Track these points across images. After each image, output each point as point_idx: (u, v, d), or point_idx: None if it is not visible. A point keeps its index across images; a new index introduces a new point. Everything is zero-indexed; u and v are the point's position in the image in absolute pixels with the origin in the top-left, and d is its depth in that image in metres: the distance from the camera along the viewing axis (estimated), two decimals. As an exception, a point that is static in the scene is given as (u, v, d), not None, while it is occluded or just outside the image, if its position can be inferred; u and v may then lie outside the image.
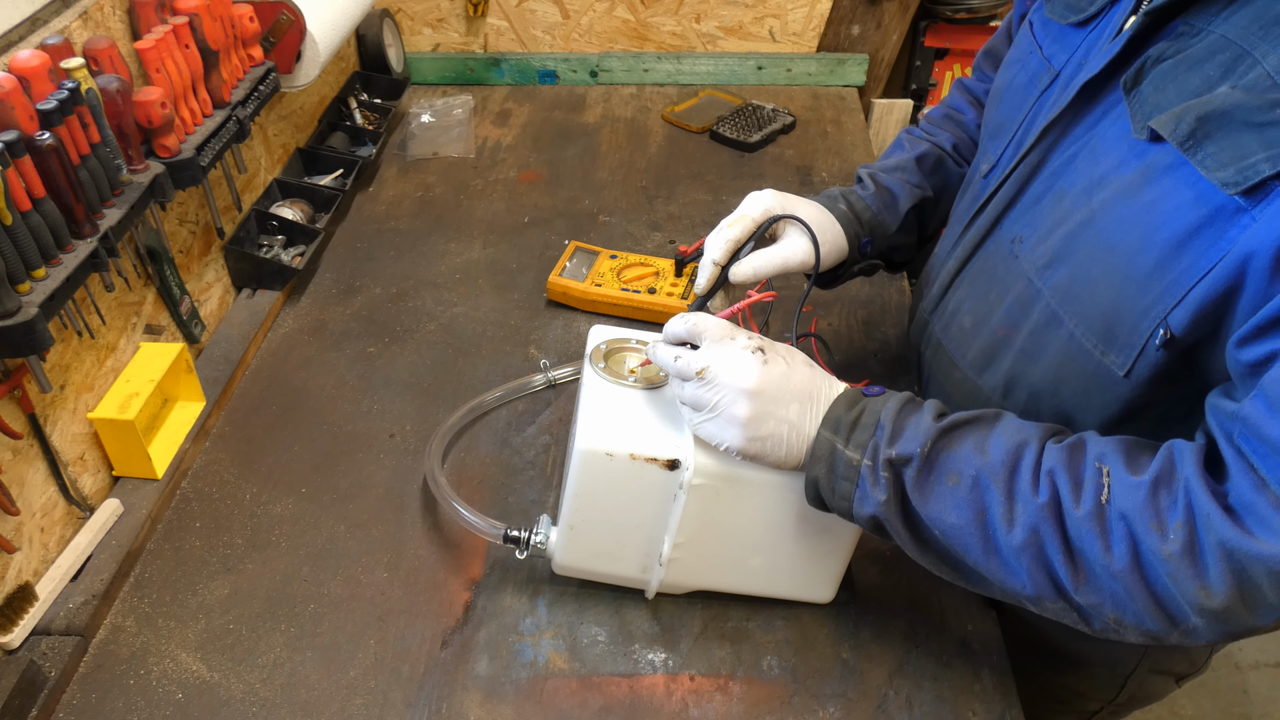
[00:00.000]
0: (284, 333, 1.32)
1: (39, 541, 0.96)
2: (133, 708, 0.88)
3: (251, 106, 1.23)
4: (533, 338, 1.30)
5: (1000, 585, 0.74)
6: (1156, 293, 0.70)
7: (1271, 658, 2.19)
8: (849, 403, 0.78)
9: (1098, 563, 0.67)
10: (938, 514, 0.73)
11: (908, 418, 0.75)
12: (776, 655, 0.91)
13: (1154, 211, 0.70)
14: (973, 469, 0.72)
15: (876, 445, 0.75)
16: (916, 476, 0.73)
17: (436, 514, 1.05)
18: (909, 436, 0.74)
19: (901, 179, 1.06)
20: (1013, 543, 0.70)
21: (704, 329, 0.82)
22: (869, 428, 0.76)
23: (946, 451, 0.73)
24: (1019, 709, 0.87)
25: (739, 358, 0.79)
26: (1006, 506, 0.70)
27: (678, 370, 0.81)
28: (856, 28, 1.93)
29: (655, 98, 1.90)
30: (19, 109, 0.85)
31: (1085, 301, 0.77)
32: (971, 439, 0.74)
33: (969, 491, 0.72)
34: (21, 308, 0.85)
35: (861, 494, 0.75)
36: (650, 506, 0.85)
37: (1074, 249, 0.78)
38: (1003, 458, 0.72)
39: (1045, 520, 0.69)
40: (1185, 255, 0.68)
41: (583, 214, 1.55)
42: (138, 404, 1.04)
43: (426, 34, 1.95)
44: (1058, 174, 0.82)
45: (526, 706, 0.87)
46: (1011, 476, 0.71)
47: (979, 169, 0.95)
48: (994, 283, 0.88)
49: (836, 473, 0.77)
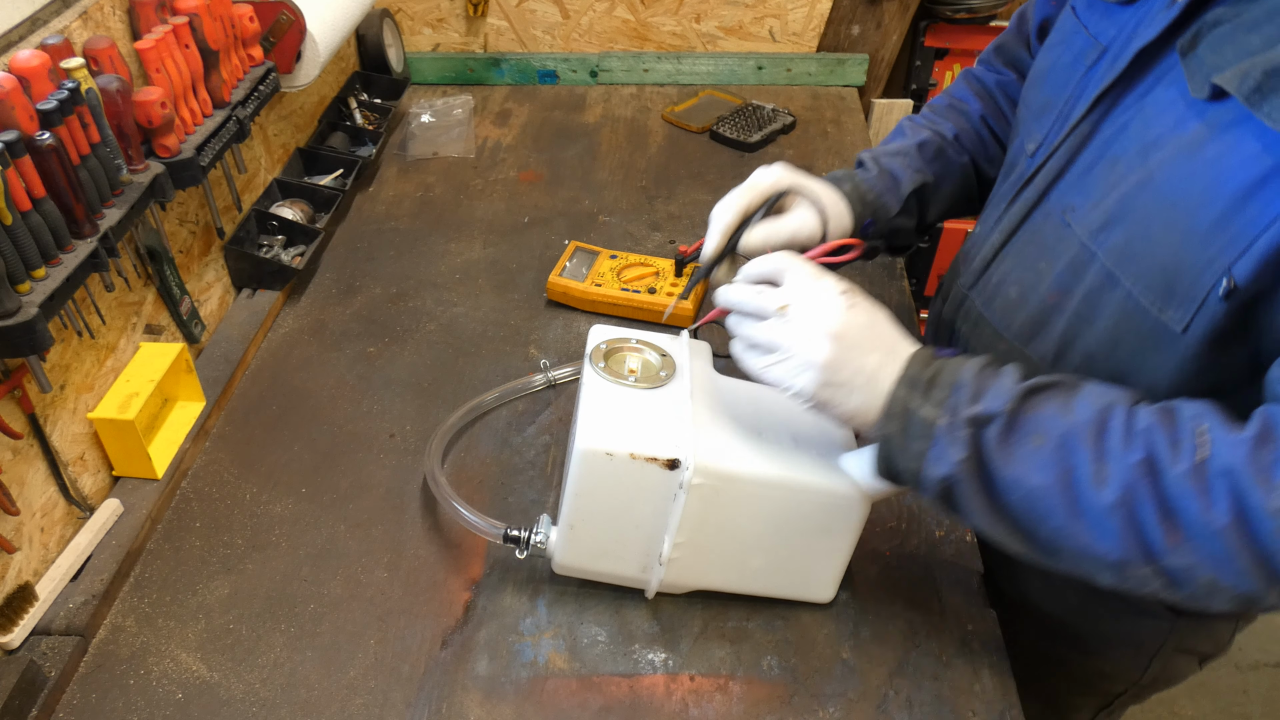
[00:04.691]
0: (284, 333, 1.32)
1: (39, 541, 0.96)
2: (133, 708, 0.88)
3: (251, 106, 1.23)
4: (533, 338, 1.30)
5: (1082, 551, 0.71)
6: (1221, 244, 0.71)
7: (1271, 658, 2.19)
8: (924, 362, 0.76)
9: (1196, 522, 0.65)
10: (1020, 475, 0.71)
11: (989, 378, 0.74)
12: (776, 655, 0.91)
13: (1218, 166, 0.71)
14: (1059, 429, 0.70)
15: (956, 404, 0.73)
16: (999, 436, 0.71)
17: (436, 514, 1.05)
18: (992, 395, 0.72)
19: (903, 163, 1.06)
20: (1102, 503, 0.68)
21: (789, 266, 0.80)
22: (947, 386, 0.74)
23: (1031, 412, 0.72)
24: (1019, 709, 0.87)
25: (826, 298, 0.77)
26: (1096, 466, 0.69)
27: (757, 306, 0.79)
28: (856, 28, 1.93)
29: (655, 98, 1.90)
30: (19, 109, 0.85)
31: (1144, 260, 0.77)
32: (1057, 400, 0.72)
33: (1055, 451, 0.70)
34: (21, 308, 0.85)
35: (937, 453, 0.73)
36: (650, 506, 0.85)
37: (1131, 210, 0.78)
38: (1091, 417, 0.70)
39: (1139, 479, 0.67)
40: (1251, 205, 0.69)
41: (583, 214, 1.55)
42: (138, 404, 1.04)
43: (426, 34, 1.95)
44: (1109, 142, 0.83)
45: (526, 706, 0.87)
46: (1100, 436, 0.69)
47: (1024, 149, 0.95)
48: (1043, 252, 0.88)
49: (911, 431, 0.74)
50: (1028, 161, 0.94)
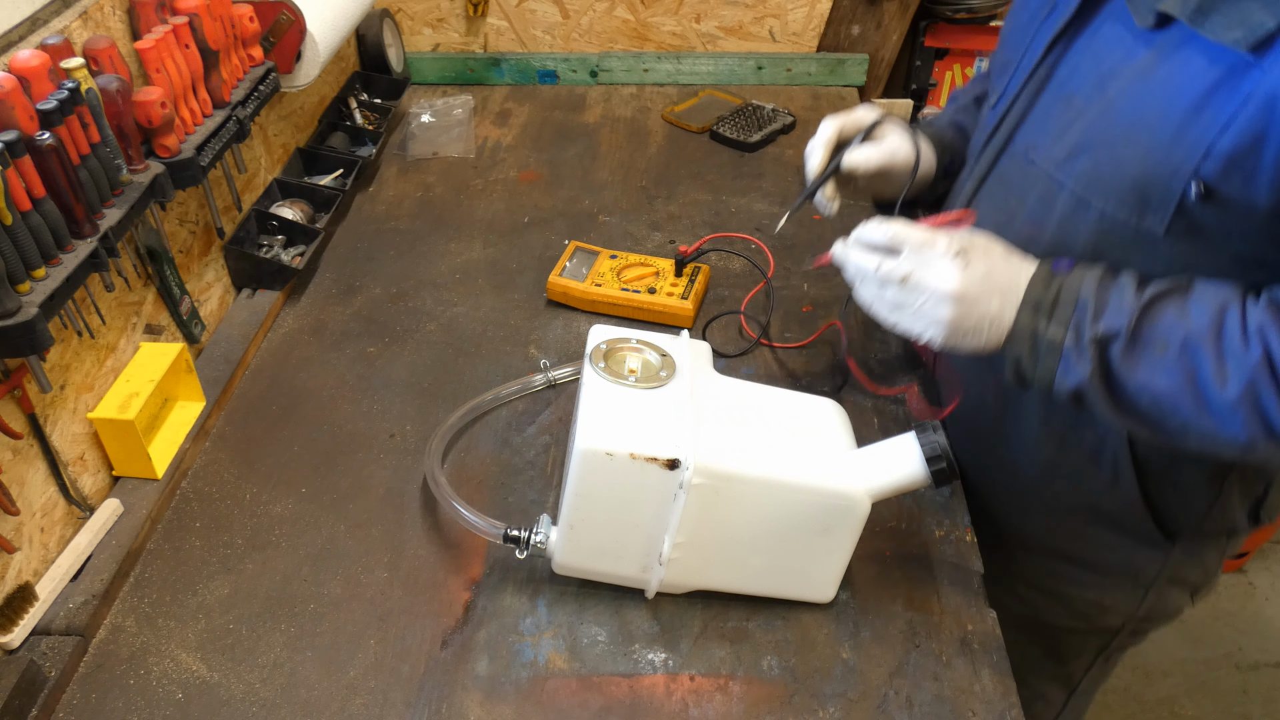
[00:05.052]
0: (284, 333, 1.32)
1: (39, 541, 0.96)
2: (133, 708, 0.88)
3: (251, 106, 1.23)
4: (533, 338, 1.30)
5: (1209, 438, 0.79)
6: (1184, 152, 0.78)
7: (1271, 658, 2.19)
8: (1045, 282, 0.83)
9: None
10: (1146, 381, 0.78)
11: (1108, 292, 0.80)
12: (776, 655, 0.91)
13: (1170, 84, 0.79)
14: (1180, 335, 0.77)
15: (1080, 322, 0.80)
16: (1124, 350, 0.78)
17: (436, 514, 1.05)
18: (1114, 311, 0.79)
19: (966, 117, 1.16)
20: (1227, 398, 0.76)
21: (905, 236, 0.86)
22: (1069, 304, 0.81)
23: (1152, 322, 0.78)
24: (1019, 709, 0.87)
25: (941, 263, 0.84)
26: (1218, 365, 0.76)
27: (882, 277, 0.87)
28: (856, 28, 1.93)
29: (655, 98, 1.90)
30: (19, 109, 0.85)
31: (1113, 180, 0.84)
32: (1174, 307, 0.79)
33: (1178, 356, 0.77)
34: (21, 308, 0.85)
35: (1065, 369, 0.81)
36: (650, 506, 0.85)
37: (1095, 138, 0.85)
38: (1208, 321, 0.77)
39: (1261, 374, 0.75)
40: (1205, 113, 0.76)
41: (583, 214, 1.55)
42: (138, 404, 1.04)
43: (426, 34, 1.95)
44: (1064, 83, 0.90)
45: (526, 706, 0.87)
46: (1219, 337, 0.76)
47: (988, 104, 1.04)
48: (1012, 191, 0.95)
49: (1039, 351, 0.82)
50: (990, 114, 1.01)
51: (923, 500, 1.06)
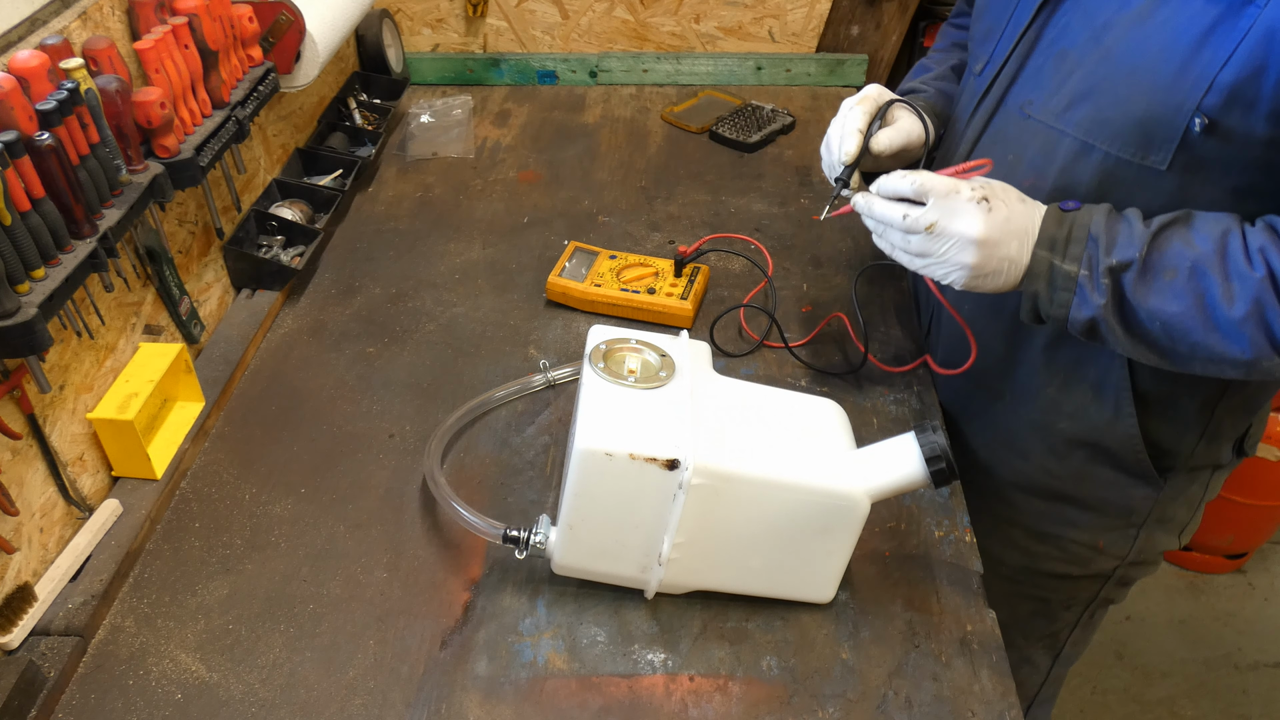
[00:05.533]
0: (283, 333, 1.32)
1: (38, 542, 0.96)
2: (132, 708, 0.88)
3: (251, 107, 1.23)
4: (532, 338, 1.30)
5: (1217, 357, 0.84)
6: (1187, 88, 0.82)
7: (1271, 658, 2.19)
8: (1056, 221, 0.88)
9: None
10: (1158, 306, 0.84)
11: (1116, 226, 0.86)
12: (776, 655, 0.91)
13: (1169, 27, 0.84)
14: (1188, 260, 0.83)
15: (1092, 256, 0.85)
16: (1136, 278, 0.84)
17: (436, 514, 1.05)
18: (1124, 243, 0.84)
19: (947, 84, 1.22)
20: (1234, 316, 0.81)
21: (930, 186, 0.90)
22: (1080, 241, 0.86)
23: (1161, 250, 0.84)
24: (1019, 709, 0.87)
25: (965, 210, 0.88)
26: (1224, 286, 0.82)
27: (908, 226, 0.91)
28: (856, 28, 1.93)
29: (655, 98, 1.90)
30: (18, 109, 0.84)
31: (1117, 123, 0.89)
32: (1179, 234, 0.84)
33: (1187, 281, 0.83)
34: (21, 308, 0.85)
35: (1080, 300, 0.86)
36: (650, 506, 0.85)
37: (1095, 85, 0.90)
38: (1212, 246, 0.83)
39: (1265, 291, 0.80)
40: (1206, 50, 0.81)
41: (582, 214, 1.55)
42: (137, 404, 1.04)
43: (426, 34, 1.95)
44: (1055, 41, 0.95)
45: (526, 707, 0.87)
46: (1224, 260, 0.82)
47: (971, 71, 1.09)
48: (1009, 146, 1.00)
49: (1055, 285, 0.87)
50: (977, 81, 1.06)
51: (923, 500, 1.06)
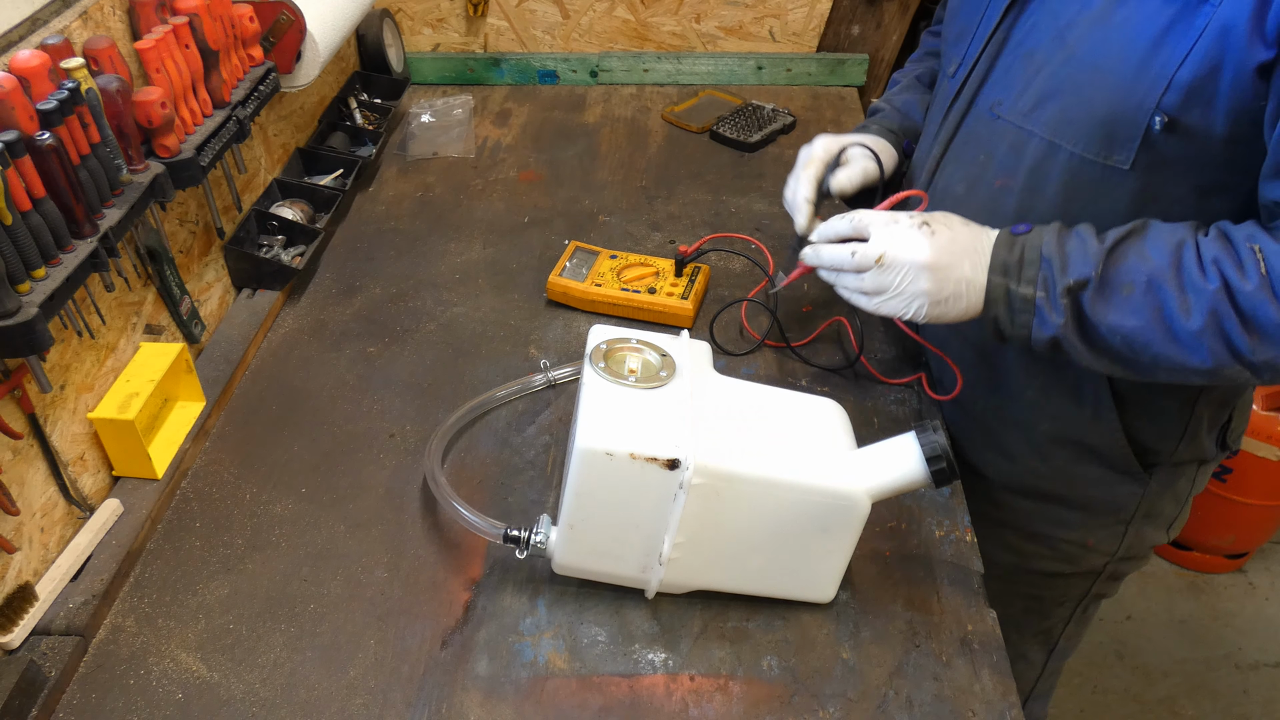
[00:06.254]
0: (284, 333, 1.32)
1: (39, 541, 0.96)
2: (133, 708, 0.88)
3: (251, 106, 1.23)
4: (533, 338, 1.30)
5: (1179, 367, 0.85)
6: (1146, 86, 0.83)
7: (1271, 658, 2.19)
8: (1008, 245, 0.89)
9: (1271, 322, 0.79)
10: (1117, 322, 0.84)
11: (1068, 245, 0.86)
12: (776, 655, 0.91)
13: (1128, 25, 0.85)
14: (1143, 275, 0.83)
15: (1048, 278, 0.86)
16: (1094, 295, 0.85)
17: (436, 514, 1.05)
18: (1078, 262, 0.85)
19: (911, 95, 1.24)
20: (1192, 328, 0.82)
21: (868, 220, 0.92)
22: (1034, 263, 0.87)
23: (1116, 266, 0.84)
24: (1019, 709, 0.87)
25: (910, 236, 0.89)
26: (1181, 299, 0.82)
27: (858, 262, 0.92)
28: (856, 28, 1.93)
29: (655, 98, 1.90)
30: (19, 109, 0.85)
31: (1082, 122, 0.89)
32: (1134, 249, 0.85)
33: (1144, 295, 0.83)
34: (21, 308, 0.85)
35: (1040, 321, 0.87)
36: (650, 506, 0.85)
37: (1060, 84, 0.91)
38: (1167, 259, 0.83)
39: (1221, 301, 0.81)
40: (1164, 48, 0.82)
41: (583, 214, 1.55)
42: (138, 404, 1.04)
43: (426, 34, 1.95)
44: (1022, 42, 0.96)
45: (526, 706, 0.87)
46: (1179, 272, 0.82)
47: (945, 73, 1.09)
48: (981, 147, 1.01)
49: (1014, 309, 0.88)
50: (950, 82, 1.06)
51: (923, 500, 1.06)
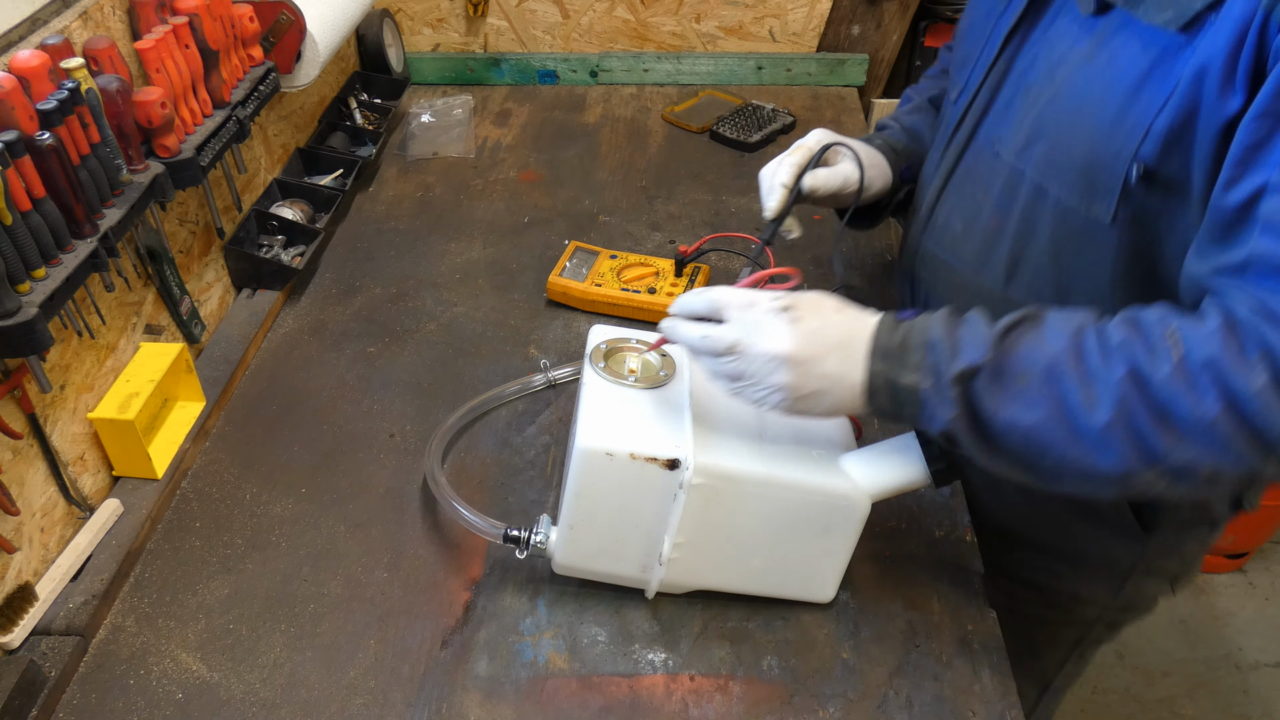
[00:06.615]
0: (284, 333, 1.32)
1: (39, 541, 0.96)
2: (133, 708, 0.88)
3: (251, 106, 1.23)
4: (533, 338, 1.30)
5: (1086, 473, 0.73)
6: (1125, 134, 0.79)
7: (1271, 658, 2.19)
8: (890, 329, 0.78)
9: (1190, 418, 0.67)
10: (1014, 416, 0.73)
11: (958, 330, 0.75)
12: (776, 655, 0.91)
13: (1110, 68, 0.81)
14: (1041, 362, 0.72)
15: (936, 364, 0.74)
16: (986, 384, 0.73)
17: (436, 514, 1.05)
18: (969, 347, 0.74)
19: (920, 118, 1.19)
20: (1097, 423, 0.70)
21: (725, 301, 0.80)
22: (920, 348, 0.75)
23: (1011, 353, 0.73)
24: (1019, 709, 0.87)
25: (768, 324, 0.78)
26: (1084, 390, 0.70)
27: (707, 348, 0.80)
28: (856, 28, 1.93)
29: (655, 98, 1.90)
30: (19, 109, 0.85)
31: (1064, 166, 0.85)
32: (1029, 334, 0.74)
33: (1042, 386, 0.72)
34: (21, 308, 0.85)
35: (928, 414, 0.75)
36: (650, 506, 0.85)
37: (1047, 124, 0.87)
38: (1065, 345, 0.72)
39: (1129, 392, 0.69)
40: (1143, 95, 0.78)
41: (583, 214, 1.55)
42: (138, 404, 1.04)
43: (426, 34, 1.95)
44: (1023, 75, 0.92)
45: (526, 706, 0.87)
46: (1080, 359, 0.71)
47: (949, 99, 1.05)
48: (979, 184, 0.97)
49: (899, 400, 0.76)
50: (953, 109, 1.02)
51: (923, 500, 1.06)
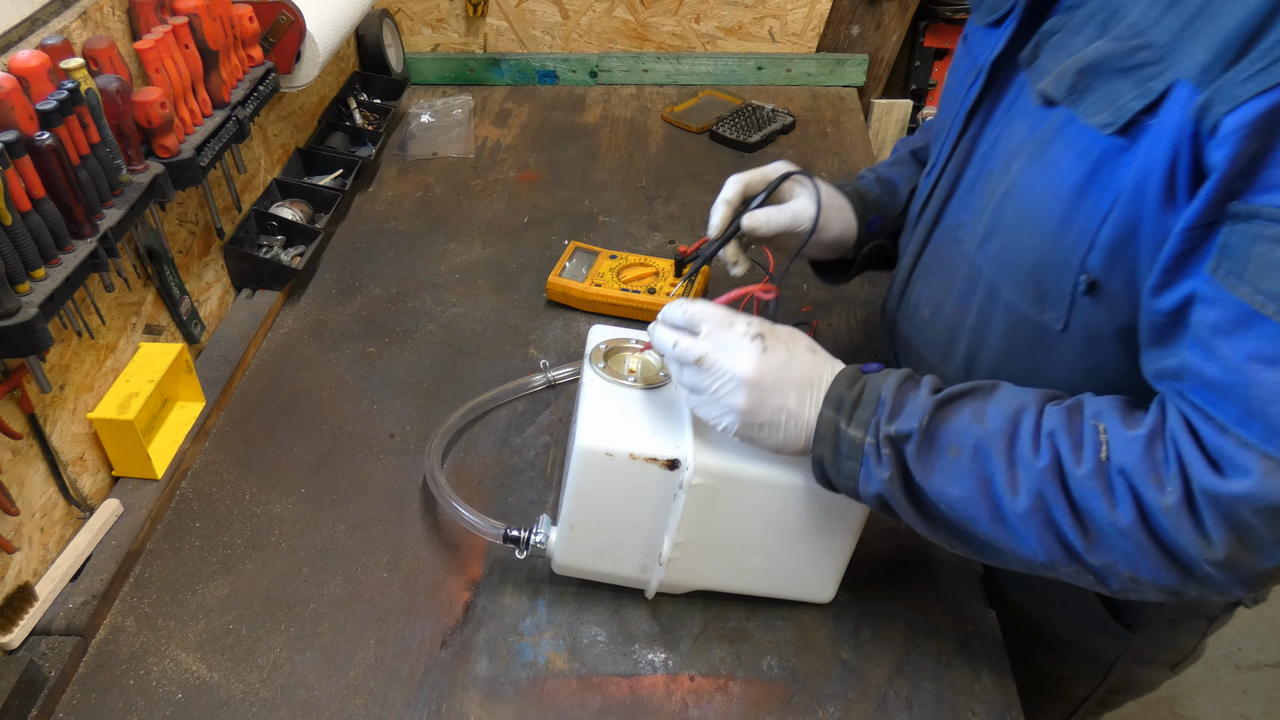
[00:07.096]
0: (284, 333, 1.32)
1: (39, 541, 0.96)
2: (133, 708, 0.88)
3: (251, 106, 1.23)
4: (533, 338, 1.30)
5: (1013, 554, 0.73)
6: (1070, 242, 0.73)
7: (1271, 658, 2.19)
8: (849, 381, 0.77)
9: (1105, 521, 0.67)
10: (941, 487, 0.72)
11: (906, 394, 0.75)
12: (776, 655, 0.91)
13: (1054, 168, 0.74)
14: (972, 439, 0.71)
15: (877, 422, 0.74)
16: (917, 452, 0.73)
17: (436, 514, 1.05)
18: (908, 412, 0.74)
19: (899, 170, 1.11)
20: (1018, 509, 0.69)
21: (702, 316, 0.81)
22: (870, 405, 0.75)
23: (945, 424, 0.73)
24: (1019, 709, 0.87)
25: (738, 346, 0.78)
26: (1009, 473, 0.70)
27: (675, 356, 0.81)
28: (856, 28, 1.93)
29: (655, 98, 1.90)
30: (19, 109, 0.85)
31: (1015, 267, 0.80)
32: (969, 409, 0.73)
33: (970, 462, 0.71)
34: (21, 308, 0.85)
35: (866, 472, 0.75)
36: (650, 506, 0.85)
37: (1000, 220, 0.81)
38: (1002, 425, 0.71)
39: (1049, 483, 0.68)
40: (1085, 202, 0.72)
41: (582, 214, 1.55)
42: (137, 404, 1.04)
43: (426, 34, 1.95)
44: (986, 157, 0.86)
45: (526, 706, 0.87)
46: (1011, 443, 0.70)
47: (925, 170, 0.99)
48: (944, 270, 0.91)
49: (841, 451, 0.76)
50: (924, 182, 0.97)
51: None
